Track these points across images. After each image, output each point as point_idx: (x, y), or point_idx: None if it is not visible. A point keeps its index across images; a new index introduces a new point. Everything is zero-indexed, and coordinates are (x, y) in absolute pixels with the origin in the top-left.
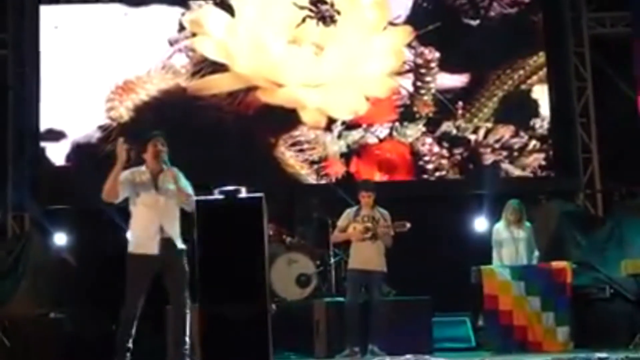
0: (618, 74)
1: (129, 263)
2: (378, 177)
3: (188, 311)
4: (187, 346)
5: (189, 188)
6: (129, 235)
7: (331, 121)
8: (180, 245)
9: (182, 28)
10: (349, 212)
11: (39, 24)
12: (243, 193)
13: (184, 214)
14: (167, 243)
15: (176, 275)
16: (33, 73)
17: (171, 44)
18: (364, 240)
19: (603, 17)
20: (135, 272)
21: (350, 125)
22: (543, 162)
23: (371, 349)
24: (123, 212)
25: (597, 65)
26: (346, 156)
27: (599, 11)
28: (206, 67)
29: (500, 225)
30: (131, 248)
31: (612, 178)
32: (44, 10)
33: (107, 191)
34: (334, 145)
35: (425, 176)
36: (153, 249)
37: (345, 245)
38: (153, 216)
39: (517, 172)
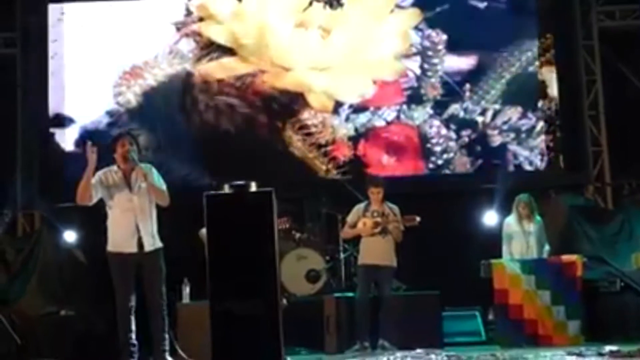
0: (628, 67)
1: (110, 262)
2: (385, 159)
3: (165, 309)
4: (166, 342)
5: (162, 184)
6: (108, 235)
7: (338, 104)
8: (157, 244)
9: (188, 13)
10: (358, 208)
11: (47, 18)
12: (253, 188)
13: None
14: (142, 242)
15: (151, 275)
16: (41, 69)
17: (178, 28)
18: (374, 236)
19: (612, 9)
20: (116, 271)
21: (357, 109)
22: (550, 144)
23: (381, 343)
24: None
25: (606, 58)
26: (354, 139)
27: (609, 4)
28: (213, 51)
29: (510, 219)
30: (110, 247)
31: (621, 171)
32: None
33: (80, 195)
34: (342, 129)
35: (433, 158)
36: (131, 247)
37: (355, 240)
38: (129, 216)
39: (524, 153)
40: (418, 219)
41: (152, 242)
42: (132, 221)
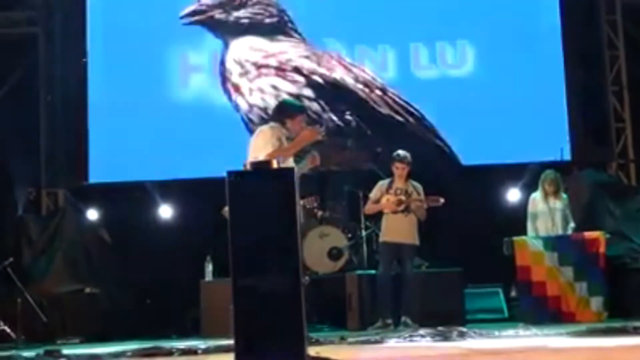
0: None
1: None
2: None
3: None
4: None
5: None
6: None
7: None
8: None
9: None
10: (381, 184)
11: None
12: (274, 165)
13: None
14: None
15: None
16: (65, 48)
17: None
18: (396, 213)
19: None
20: None
21: None
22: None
23: (404, 320)
24: (160, 187)
25: (629, 33)
26: None
27: None
28: None
29: (537, 196)
30: None
31: None
32: None
33: None
34: None
35: None
36: None
37: (377, 217)
38: None
39: None
40: (442, 200)
41: None
42: None
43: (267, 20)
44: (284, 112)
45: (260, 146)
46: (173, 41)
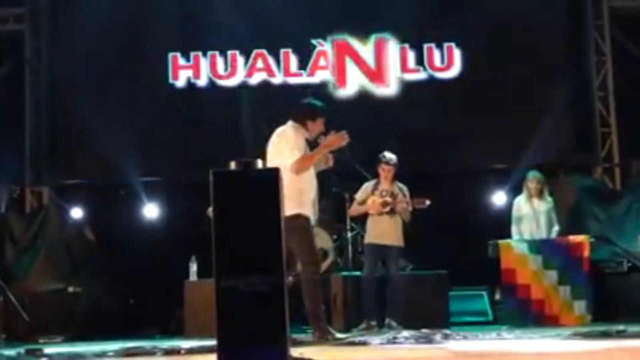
0: (638, 48)
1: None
2: None
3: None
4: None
5: None
6: None
7: None
8: None
9: None
10: (367, 186)
11: None
12: (259, 165)
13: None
14: None
15: None
16: (51, 45)
17: None
18: (382, 214)
19: None
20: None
21: None
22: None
23: (388, 322)
24: (145, 186)
25: (616, 38)
26: None
27: None
28: None
29: (521, 199)
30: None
31: (630, 152)
32: None
33: (306, 167)
34: None
35: None
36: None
37: (362, 219)
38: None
39: None
40: (428, 202)
41: None
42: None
43: None
44: (307, 113)
45: (285, 150)
46: (160, 39)
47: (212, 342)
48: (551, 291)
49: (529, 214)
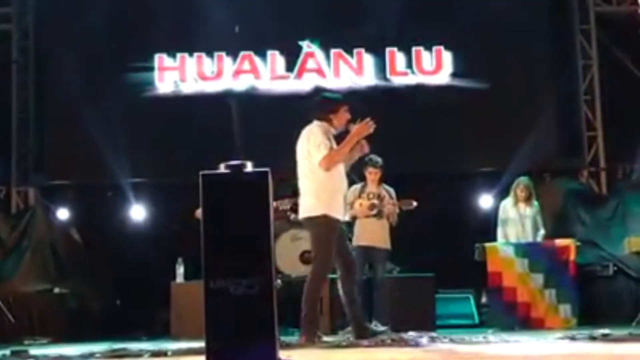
0: (623, 52)
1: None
2: None
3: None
4: None
5: None
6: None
7: None
8: None
9: None
10: (354, 189)
11: None
12: (249, 168)
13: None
14: None
15: None
16: (37, 45)
17: None
18: (369, 217)
19: None
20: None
21: None
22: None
23: (375, 325)
24: (133, 188)
25: (602, 43)
26: None
27: None
28: None
29: (507, 203)
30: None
31: (616, 156)
32: None
33: (337, 161)
34: None
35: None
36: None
37: (349, 222)
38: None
39: None
40: (415, 203)
41: None
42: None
43: None
44: (327, 108)
45: (312, 148)
46: (146, 40)
47: (199, 344)
48: (537, 294)
49: (515, 218)
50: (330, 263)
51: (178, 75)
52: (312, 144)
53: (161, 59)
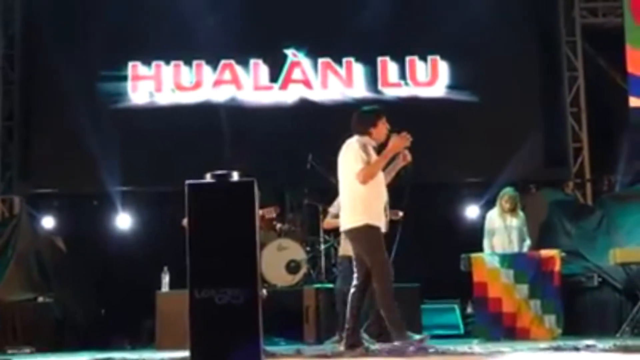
0: (609, 64)
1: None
2: None
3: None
4: None
5: None
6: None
7: None
8: None
9: None
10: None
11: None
12: (235, 177)
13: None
14: None
15: None
16: (23, 54)
17: None
18: None
19: (595, 6)
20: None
21: None
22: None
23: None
24: (119, 196)
25: (588, 55)
26: None
27: (592, 1)
28: None
29: (493, 213)
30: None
31: (601, 168)
32: None
33: (374, 174)
34: None
35: None
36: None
37: (336, 231)
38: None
39: None
40: (401, 213)
41: None
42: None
43: None
44: (365, 122)
45: (350, 162)
46: (134, 50)
47: (184, 354)
48: (522, 305)
49: (501, 229)
50: (387, 264)
51: (153, 85)
52: (350, 158)
53: (135, 67)
